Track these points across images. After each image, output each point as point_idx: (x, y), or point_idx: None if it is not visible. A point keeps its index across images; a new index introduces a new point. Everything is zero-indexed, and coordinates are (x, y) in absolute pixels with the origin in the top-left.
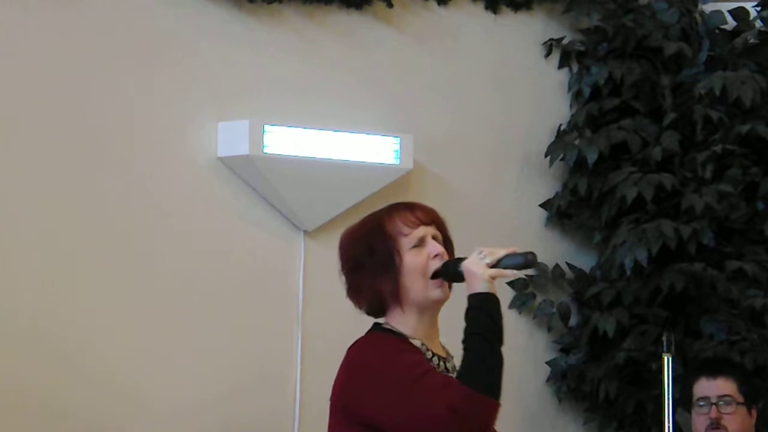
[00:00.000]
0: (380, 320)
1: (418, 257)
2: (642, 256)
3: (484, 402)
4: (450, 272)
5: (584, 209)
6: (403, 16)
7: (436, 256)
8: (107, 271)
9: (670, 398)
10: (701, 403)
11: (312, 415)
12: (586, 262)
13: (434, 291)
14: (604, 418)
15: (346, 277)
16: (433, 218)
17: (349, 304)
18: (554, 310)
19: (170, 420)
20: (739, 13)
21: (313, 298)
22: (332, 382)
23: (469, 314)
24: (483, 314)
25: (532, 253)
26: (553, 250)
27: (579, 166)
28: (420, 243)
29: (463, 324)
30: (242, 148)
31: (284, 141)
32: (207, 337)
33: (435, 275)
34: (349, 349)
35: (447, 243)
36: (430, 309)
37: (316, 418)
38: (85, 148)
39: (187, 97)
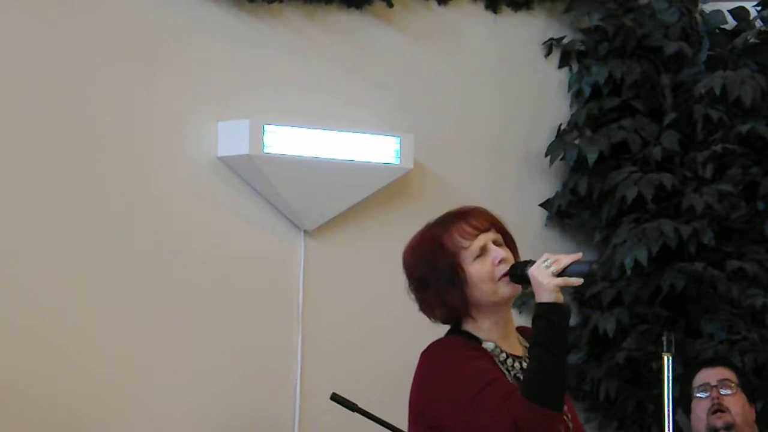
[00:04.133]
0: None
1: (483, 266)
2: (642, 255)
3: (544, 414)
4: (518, 275)
5: (584, 209)
6: (404, 16)
7: (500, 261)
8: (107, 271)
9: (671, 398)
10: (701, 390)
11: (312, 413)
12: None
13: (503, 289)
14: (604, 417)
15: (415, 294)
16: (490, 222)
17: (349, 304)
18: None
19: (171, 418)
20: (739, 13)
21: (313, 298)
22: (332, 381)
23: (535, 323)
24: (548, 324)
25: (596, 262)
26: (554, 249)
27: (579, 165)
28: (482, 252)
29: None
30: (242, 148)
31: (284, 141)
32: (207, 337)
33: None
34: (422, 353)
35: (508, 241)
36: (503, 308)
37: (316, 416)
38: (85, 148)
39: (187, 96)
